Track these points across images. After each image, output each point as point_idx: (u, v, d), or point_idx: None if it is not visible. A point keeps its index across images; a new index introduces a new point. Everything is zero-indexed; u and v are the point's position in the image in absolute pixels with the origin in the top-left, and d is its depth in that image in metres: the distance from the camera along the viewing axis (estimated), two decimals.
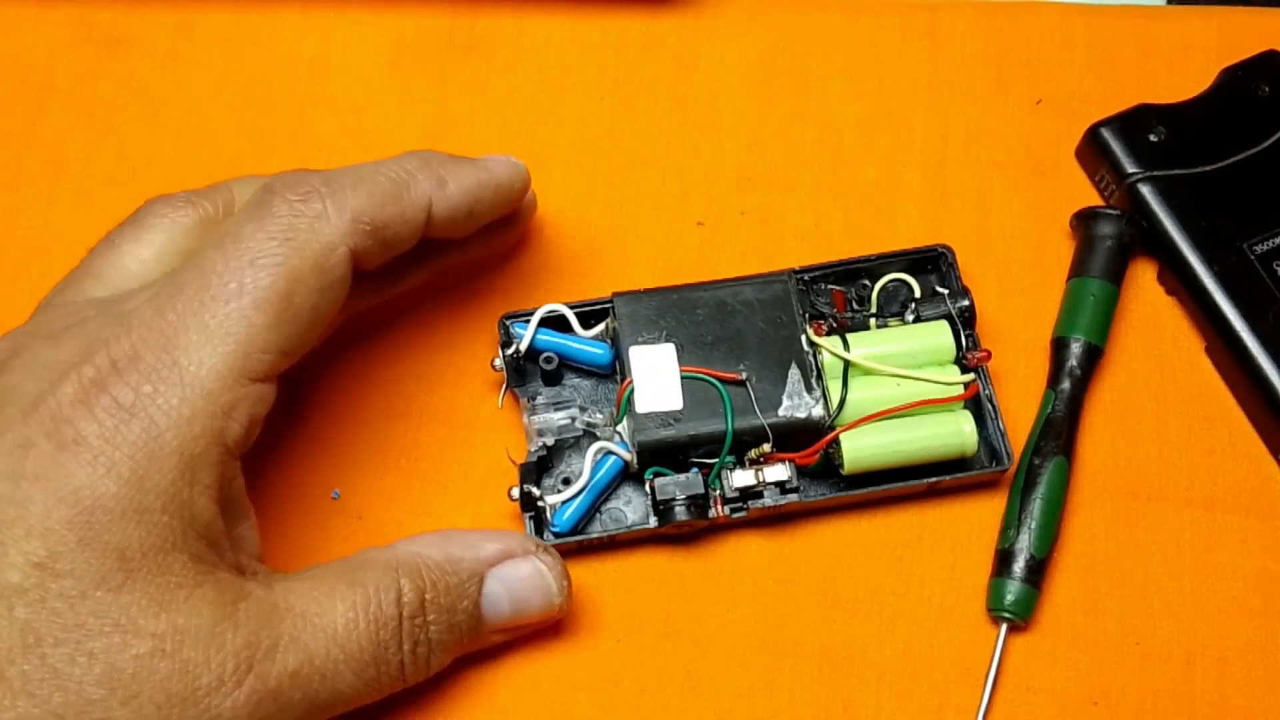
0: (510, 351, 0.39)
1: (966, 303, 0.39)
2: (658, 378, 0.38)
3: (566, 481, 0.39)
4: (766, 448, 0.37)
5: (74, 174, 0.45)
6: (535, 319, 0.39)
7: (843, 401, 0.37)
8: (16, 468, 0.29)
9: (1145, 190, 0.42)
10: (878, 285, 0.41)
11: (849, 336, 0.38)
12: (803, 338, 0.38)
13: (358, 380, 0.41)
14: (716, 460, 0.37)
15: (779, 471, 0.37)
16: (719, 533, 0.39)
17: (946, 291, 0.40)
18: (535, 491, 0.37)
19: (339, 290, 0.33)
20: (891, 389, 0.38)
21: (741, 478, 0.37)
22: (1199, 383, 0.41)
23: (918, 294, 0.40)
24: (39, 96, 0.46)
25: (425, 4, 0.47)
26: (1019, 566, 0.37)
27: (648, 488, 0.37)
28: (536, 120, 0.46)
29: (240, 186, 0.36)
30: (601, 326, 0.40)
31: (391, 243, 0.34)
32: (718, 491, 0.37)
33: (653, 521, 0.38)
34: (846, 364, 0.38)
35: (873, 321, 0.40)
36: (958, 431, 0.38)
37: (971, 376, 0.38)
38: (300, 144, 0.45)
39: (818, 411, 0.37)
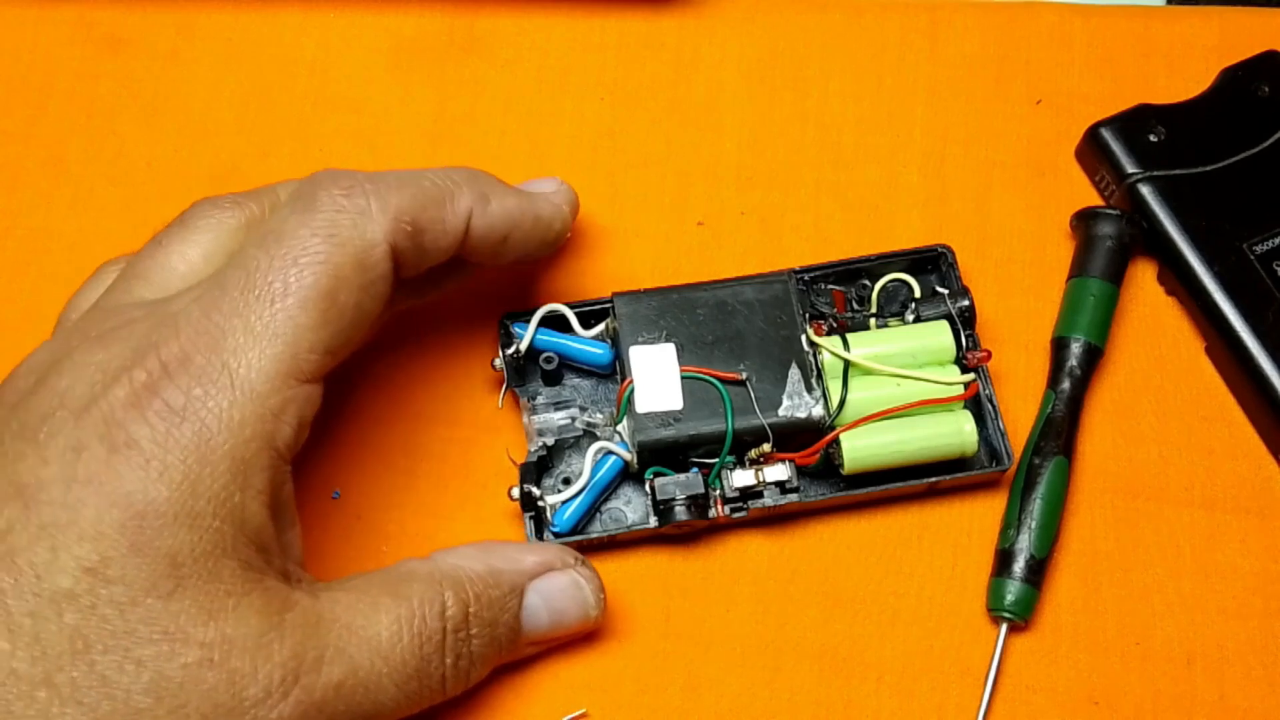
0: (510, 351, 0.39)
1: (966, 303, 0.39)
2: (658, 377, 0.38)
3: (567, 481, 0.39)
4: (767, 447, 0.37)
5: (74, 174, 0.45)
6: (535, 319, 0.39)
7: (843, 401, 0.37)
8: (69, 471, 0.28)
9: (1145, 190, 0.42)
10: (878, 285, 0.41)
11: (849, 336, 0.39)
12: (803, 338, 0.38)
13: (358, 380, 0.41)
14: (717, 460, 0.37)
15: (779, 471, 0.37)
16: (719, 533, 0.39)
17: (946, 291, 0.40)
18: (535, 491, 0.37)
19: (382, 288, 0.32)
20: (891, 389, 0.38)
21: (742, 478, 0.37)
22: (1199, 383, 0.41)
23: (918, 294, 0.40)
24: (39, 96, 0.46)
25: (425, 4, 0.47)
26: (1019, 566, 0.37)
27: (648, 487, 0.37)
28: (536, 120, 0.46)
29: (285, 190, 0.36)
30: (602, 326, 0.40)
31: (429, 250, 0.34)
32: (718, 491, 0.37)
33: (653, 521, 0.38)
34: (846, 364, 0.38)
35: (873, 321, 0.40)
36: (958, 431, 0.38)
37: (971, 376, 0.38)
38: (300, 144, 0.45)
39: (818, 411, 0.37)
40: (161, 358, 0.30)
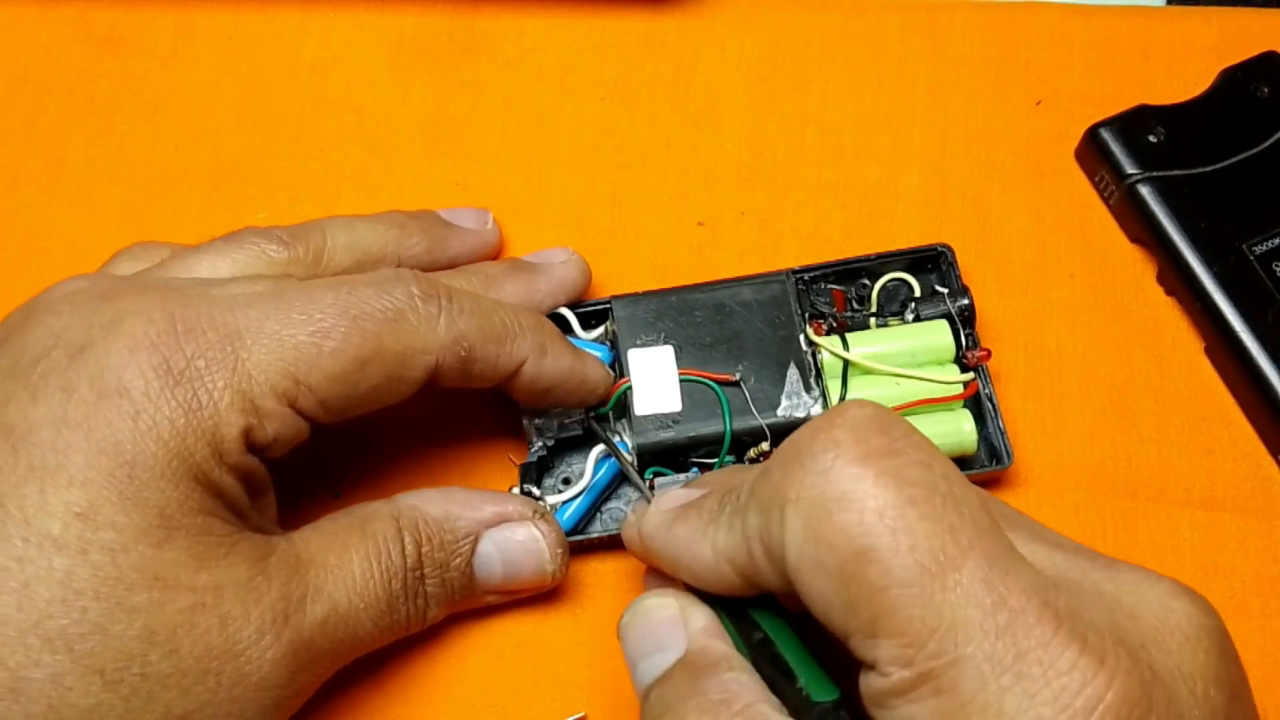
0: None
1: (966, 302, 0.39)
2: (657, 380, 0.38)
3: (567, 482, 0.39)
4: (765, 447, 0.37)
5: (74, 173, 0.45)
6: None
7: (842, 400, 0.37)
8: (59, 413, 0.29)
9: (1145, 191, 0.42)
10: (877, 285, 0.41)
11: (849, 336, 0.39)
12: (801, 338, 0.38)
13: None
14: (716, 460, 0.37)
15: None
16: None
17: (946, 291, 0.40)
18: (536, 491, 0.37)
19: (406, 389, 0.34)
20: (891, 388, 0.38)
21: None
22: (1199, 383, 0.41)
23: (917, 293, 0.40)
24: (39, 96, 0.46)
25: (425, 4, 0.47)
26: None
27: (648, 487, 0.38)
28: (536, 120, 0.46)
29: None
30: (602, 328, 0.40)
31: (475, 377, 0.35)
32: None
33: None
34: (846, 363, 0.38)
35: (872, 321, 0.40)
36: (957, 430, 0.38)
37: (971, 375, 0.38)
38: (300, 144, 0.45)
39: (816, 411, 0.37)
40: (175, 316, 0.30)
